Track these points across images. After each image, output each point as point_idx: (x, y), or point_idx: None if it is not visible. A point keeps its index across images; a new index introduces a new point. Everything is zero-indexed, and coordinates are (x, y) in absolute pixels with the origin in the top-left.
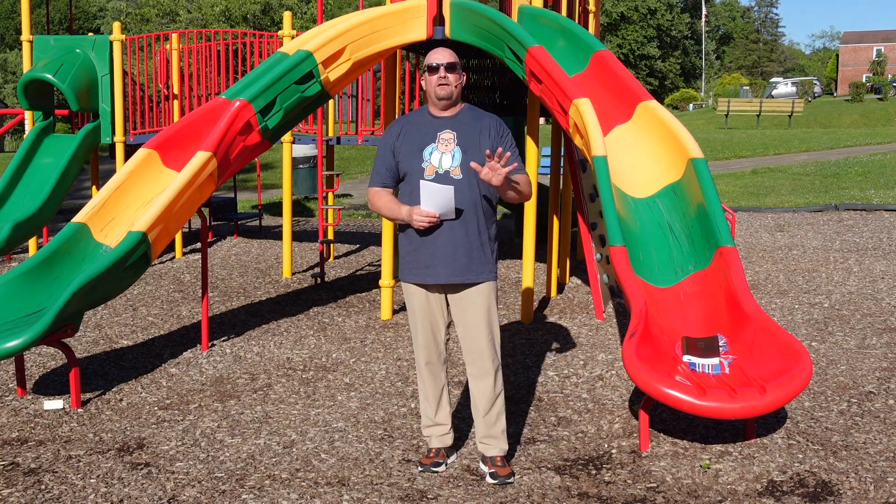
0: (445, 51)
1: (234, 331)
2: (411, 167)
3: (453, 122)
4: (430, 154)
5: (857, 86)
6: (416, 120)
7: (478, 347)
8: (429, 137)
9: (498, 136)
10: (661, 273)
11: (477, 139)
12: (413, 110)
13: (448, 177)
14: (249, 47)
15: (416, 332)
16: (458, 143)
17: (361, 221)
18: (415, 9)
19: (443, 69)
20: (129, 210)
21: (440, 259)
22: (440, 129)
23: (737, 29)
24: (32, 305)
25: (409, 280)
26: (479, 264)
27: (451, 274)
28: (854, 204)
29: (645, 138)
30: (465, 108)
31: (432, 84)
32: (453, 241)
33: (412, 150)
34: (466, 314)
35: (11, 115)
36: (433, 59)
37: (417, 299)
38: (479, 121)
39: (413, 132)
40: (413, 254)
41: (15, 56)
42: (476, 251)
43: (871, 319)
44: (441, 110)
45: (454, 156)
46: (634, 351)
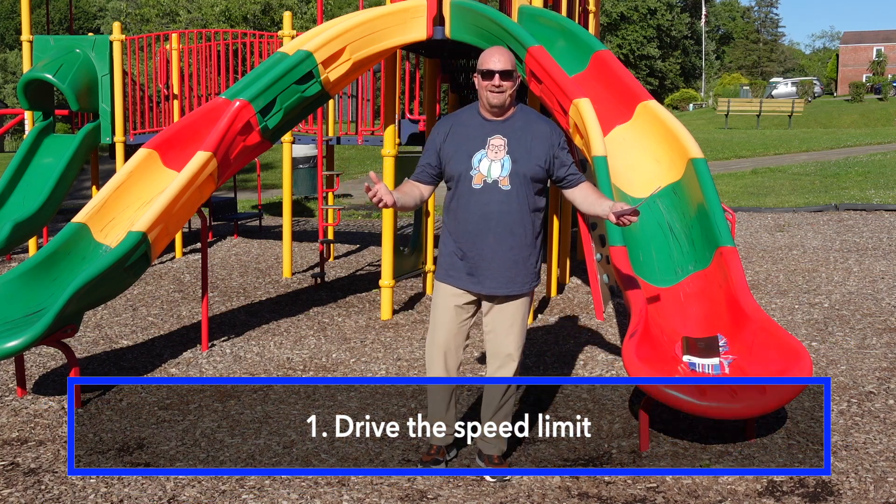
0: (503, 55)
1: (234, 331)
2: (459, 173)
3: (504, 127)
4: (478, 161)
5: (857, 86)
6: (465, 121)
7: (505, 352)
8: (478, 143)
9: (552, 144)
10: (661, 273)
11: (528, 147)
12: (462, 108)
13: (496, 187)
14: (249, 47)
15: (436, 329)
16: (508, 150)
17: (361, 221)
18: (415, 9)
19: (498, 77)
20: (129, 210)
21: (485, 270)
22: (491, 134)
23: (737, 29)
24: (32, 305)
25: (448, 282)
26: (522, 276)
27: (495, 287)
28: (854, 204)
29: (645, 138)
30: (518, 110)
31: (484, 89)
32: (500, 252)
33: (460, 155)
34: (501, 321)
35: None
36: (488, 64)
37: (449, 300)
38: (532, 125)
39: (462, 134)
40: (456, 259)
41: (15, 56)
42: (521, 264)
43: (871, 319)
44: (492, 115)
45: (503, 165)
46: (634, 351)
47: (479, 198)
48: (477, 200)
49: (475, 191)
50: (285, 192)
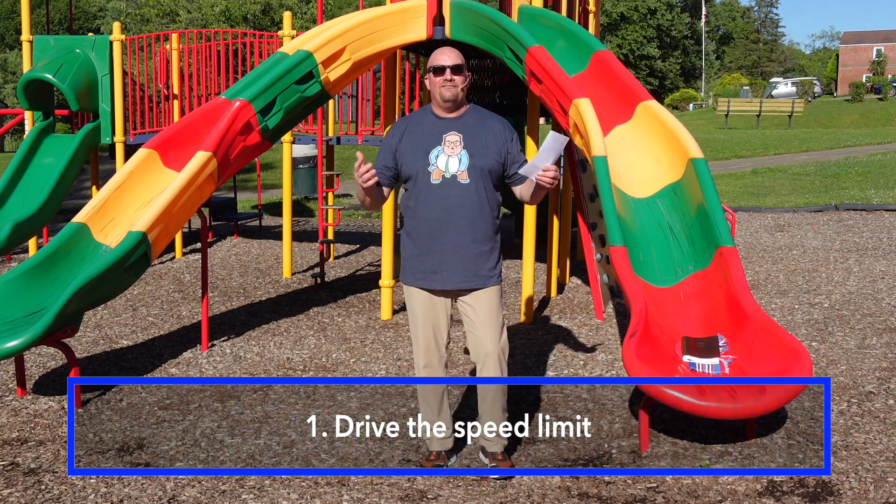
0: (452, 51)
1: (234, 331)
2: (416, 171)
3: (459, 124)
4: (435, 157)
5: (857, 86)
6: (419, 121)
7: (486, 349)
8: (434, 140)
9: (505, 139)
10: (661, 273)
11: (483, 141)
12: (415, 110)
13: (455, 181)
14: (249, 47)
15: (417, 335)
16: (464, 145)
17: (361, 221)
18: (415, 9)
19: (449, 71)
20: (129, 210)
21: (448, 265)
22: (446, 131)
23: (737, 29)
24: (32, 305)
25: (414, 284)
26: (487, 269)
27: (461, 280)
28: (854, 204)
29: (645, 138)
30: (471, 108)
31: (437, 85)
32: (462, 246)
33: (417, 153)
34: (475, 316)
35: (11, 115)
36: (438, 60)
37: (420, 302)
38: (486, 122)
39: (417, 134)
40: (418, 258)
41: (15, 56)
42: (484, 256)
43: (871, 319)
44: (446, 112)
45: (461, 159)
46: (634, 351)
47: (438, 192)
48: (437, 195)
49: (434, 186)
50: (285, 192)
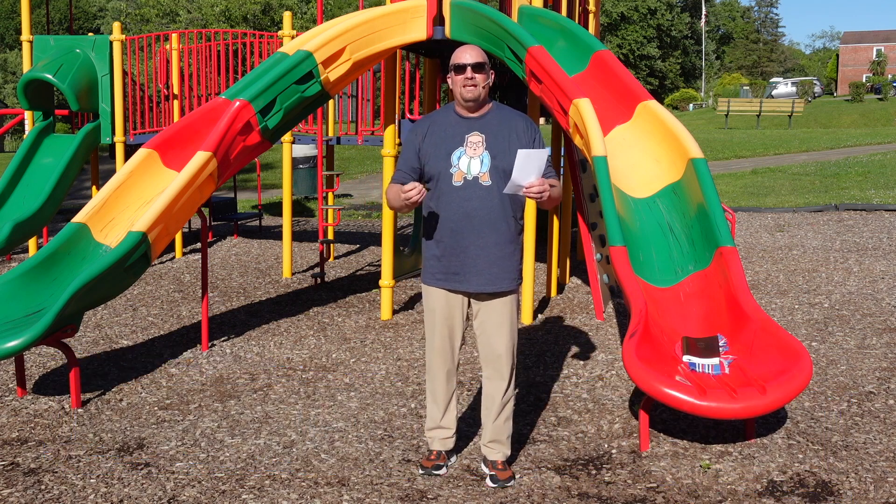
0: (473, 49)
1: (234, 331)
2: (439, 172)
3: (481, 124)
4: (458, 159)
5: (857, 86)
6: (442, 120)
7: (497, 353)
8: (457, 140)
9: (529, 139)
10: (661, 273)
11: (506, 141)
12: (438, 109)
13: (477, 183)
14: (249, 47)
15: (434, 335)
16: (486, 146)
17: (361, 221)
18: (415, 9)
19: (470, 69)
20: (129, 210)
21: (470, 268)
22: (468, 132)
23: (737, 29)
24: (32, 305)
25: (435, 285)
26: (507, 273)
27: (482, 284)
28: (854, 204)
29: (645, 138)
30: (493, 107)
31: (458, 84)
32: (484, 249)
33: (440, 154)
34: (490, 321)
35: (11, 115)
36: (460, 59)
37: (439, 303)
38: (509, 121)
39: (439, 133)
40: (440, 259)
41: (15, 56)
42: (506, 260)
43: (871, 319)
44: (468, 111)
45: (483, 161)
46: (634, 351)
47: (460, 194)
48: (458, 197)
49: (456, 188)
50: (285, 192)
